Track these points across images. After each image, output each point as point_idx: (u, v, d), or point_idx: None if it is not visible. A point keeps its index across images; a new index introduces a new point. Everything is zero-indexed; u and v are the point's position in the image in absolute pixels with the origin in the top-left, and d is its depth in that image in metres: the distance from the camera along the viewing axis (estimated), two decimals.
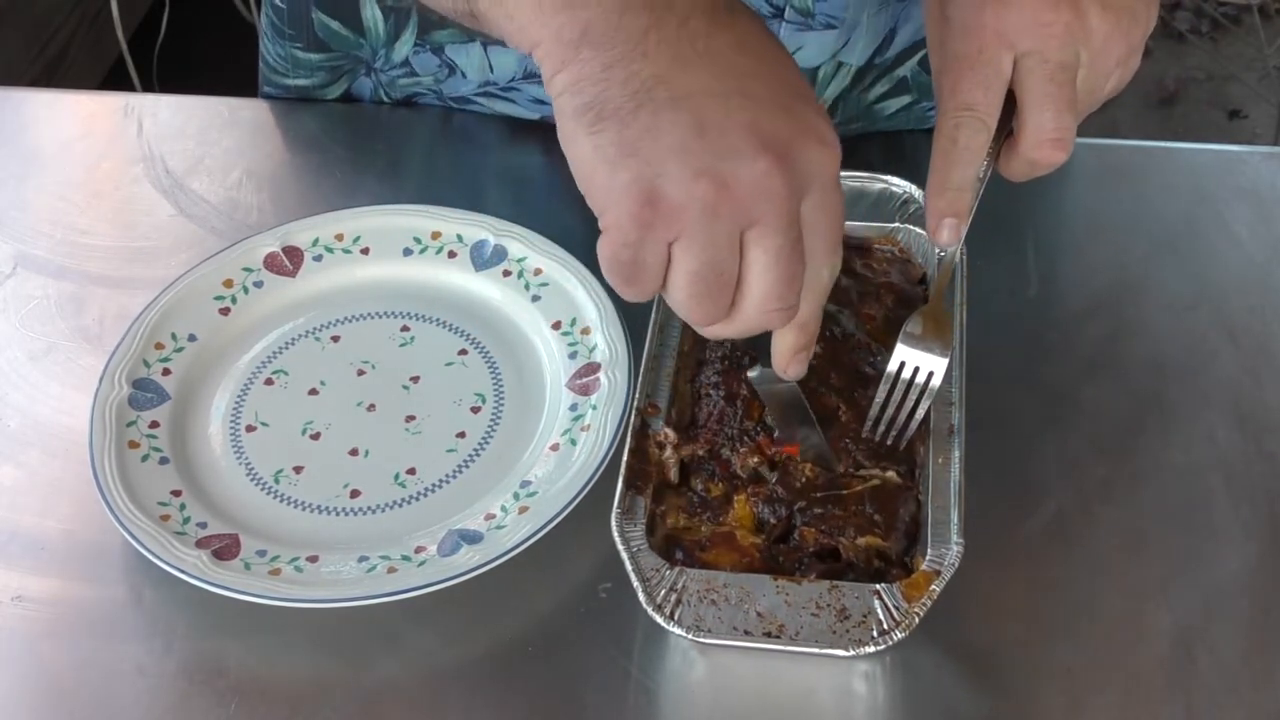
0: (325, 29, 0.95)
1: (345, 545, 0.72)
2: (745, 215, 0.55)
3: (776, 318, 0.59)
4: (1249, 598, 0.70)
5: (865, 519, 0.67)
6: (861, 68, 0.89)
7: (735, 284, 0.57)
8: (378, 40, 0.95)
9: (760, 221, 0.56)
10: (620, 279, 0.57)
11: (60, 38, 2.20)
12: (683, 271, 0.56)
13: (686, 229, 0.55)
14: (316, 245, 0.87)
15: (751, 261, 0.57)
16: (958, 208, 0.66)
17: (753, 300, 0.58)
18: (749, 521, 0.69)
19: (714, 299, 0.57)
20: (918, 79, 0.90)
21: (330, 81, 0.98)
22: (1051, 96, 0.65)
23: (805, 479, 0.69)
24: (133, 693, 0.69)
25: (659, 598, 0.63)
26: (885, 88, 0.91)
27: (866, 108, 0.91)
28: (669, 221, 0.55)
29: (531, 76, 0.93)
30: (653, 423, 0.71)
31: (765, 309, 0.58)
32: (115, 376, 0.78)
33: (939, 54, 0.67)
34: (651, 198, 0.55)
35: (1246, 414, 0.77)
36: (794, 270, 0.57)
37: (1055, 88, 0.64)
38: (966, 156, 0.65)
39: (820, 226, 0.57)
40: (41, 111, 1.03)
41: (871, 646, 0.62)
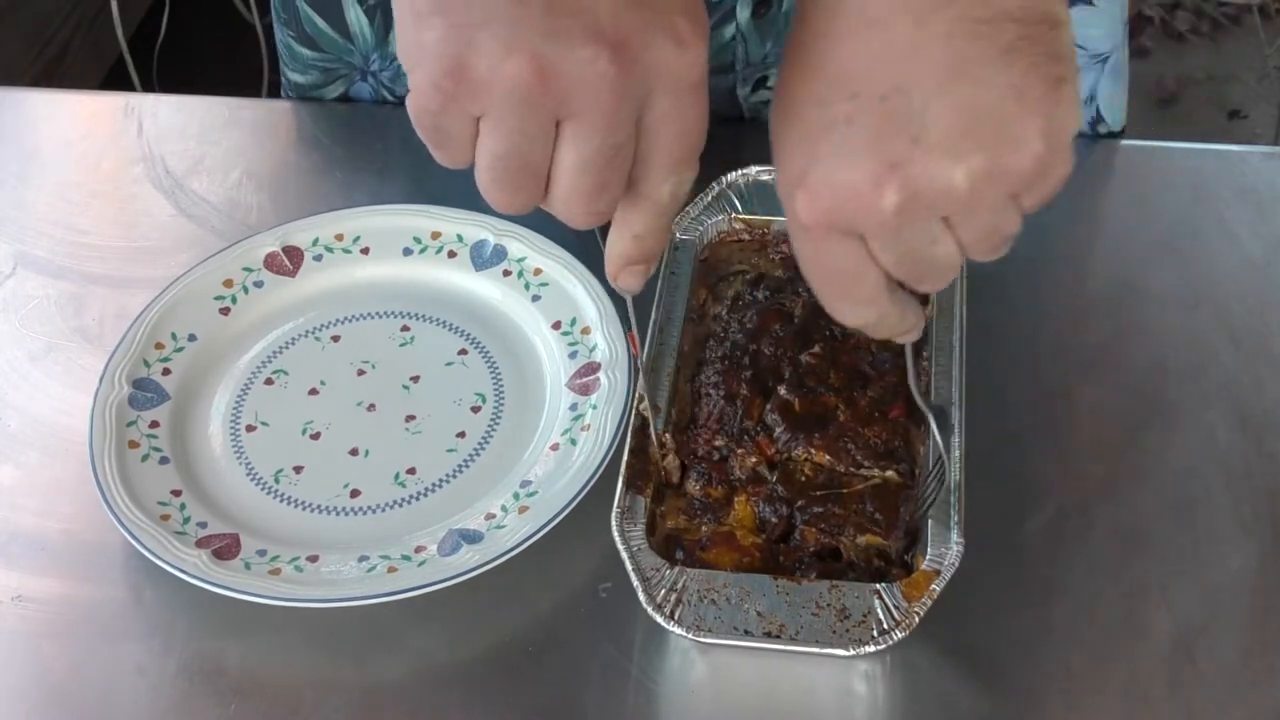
0: (312, 25, 0.95)
1: (345, 545, 0.72)
2: (560, 107, 0.49)
3: (582, 221, 0.53)
4: (1249, 598, 0.70)
5: (866, 518, 0.67)
6: None
7: (545, 174, 0.51)
8: (366, 44, 0.94)
9: (576, 117, 0.49)
10: (427, 142, 0.52)
11: (60, 38, 2.20)
12: (485, 151, 0.51)
13: (491, 109, 0.49)
14: (316, 245, 0.87)
15: (560, 157, 0.51)
16: (649, 253, 0.56)
17: (557, 197, 0.52)
18: (750, 521, 0.69)
19: (516, 187, 0.52)
20: None
21: (325, 83, 0.98)
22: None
23: (805, 478, 0.69)
24: (133, 693, 0.69)
25: (659, 597, 0.63)
26: None
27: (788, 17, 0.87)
28: (472, 96, 0.49)
29: None
30: (653, 422, 0.71)
31: (569, 212, 0.53)
32: (115, 376, 0.78)
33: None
34: (455, 67, 0.49)
35: (1246, 414, 0.77)
36: (607, 178, 0.51)
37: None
38: (674, 207, 0.55)
39: (662, 137, 0.51)
40: (41, 111, 1.03)
41: (872, 646, 0.62)
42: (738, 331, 0.76)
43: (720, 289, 0.79)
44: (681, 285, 0.77)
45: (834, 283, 0.53)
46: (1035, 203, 0.50)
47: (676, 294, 0.77)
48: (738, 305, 0.77)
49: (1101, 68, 0.92)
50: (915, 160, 0.47)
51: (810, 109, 0.49)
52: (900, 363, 0.73)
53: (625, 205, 0.54)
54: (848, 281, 0.53)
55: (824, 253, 0.52)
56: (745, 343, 0.75)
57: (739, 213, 0.81)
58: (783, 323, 0.75)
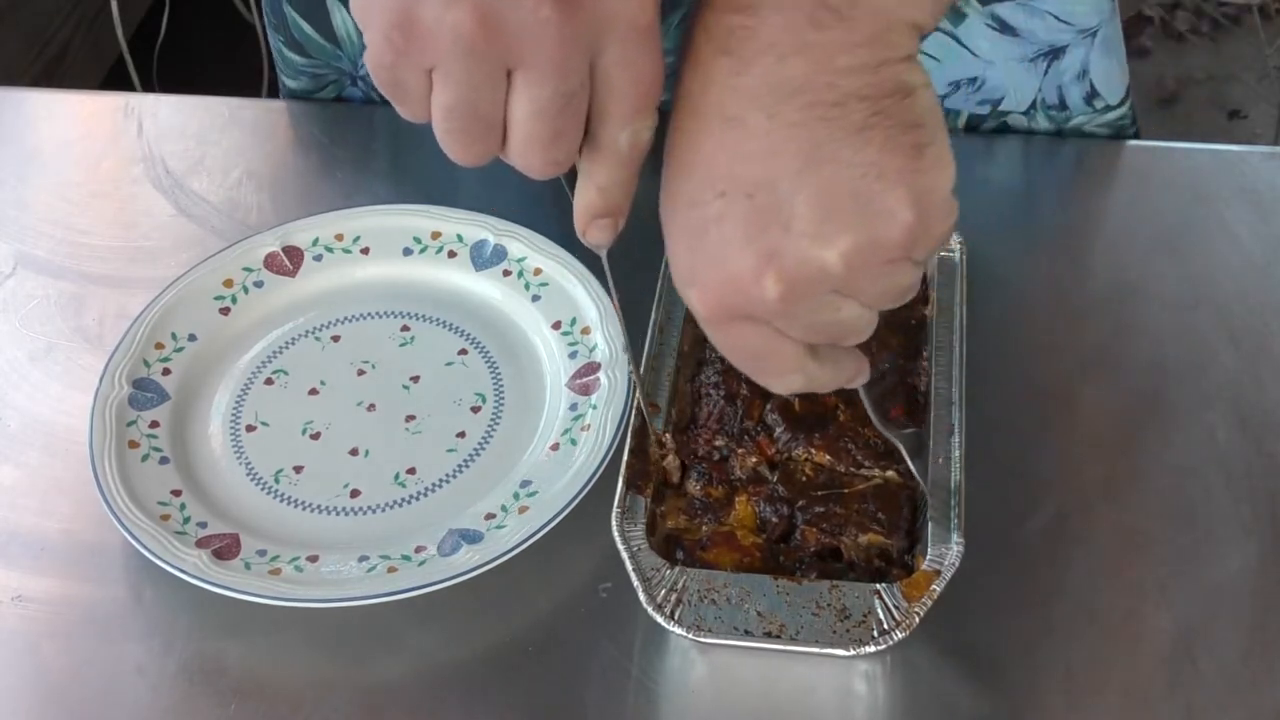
0: (300, 30, 0.95)
1: (345, 545, 0.72)
2: (508, 55, 0.49)
3: (540, 170, 0.53)
4: (1249, 598, 0.70)
5: (867, 517, 0.67)
6: None
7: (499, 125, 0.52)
8: (354, 49, 0.94)
9: (526, 65, 0.50)
10: (387, 96, 0.53)
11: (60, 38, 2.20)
12: (438, 104, 0.51)
13: (441, 60, 0.50)
14: (316, 245, 0.87)
15: (514, 107, 0.51)
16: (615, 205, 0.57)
17: (513, 147, 0.52)
18: (750, 522, 0.69)
19: (471, 138, 0.52)
20: None
21: (317, 88, 0.98)
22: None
23: (806, 478, 0.69)
24: (133, 693, 0.69)
25: (659, 597, 0.63)
26: None
27: None
28: (421, 49, 0.50)
29: None
30: (653, 422, 0.71)
31: (526, 162, 0.53)
32: (115, 376, 0.78)
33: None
34: (403, 21, 0.49)
35: (1246, 414, 0.77)
36: (561, 126, 0.51)
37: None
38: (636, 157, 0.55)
39: (616, 84, 0.51)
40: (41, 111, 1.03)
41: (872, 646, 0.62)
42: None
43: None
44: None
45: (753, 363, 0.54)
46: (924, 256, 0.51)
47: (677, 294, 0.77)
48: None
49: (1091, 41, 0.91)
50: (788, 249, 0.48)
51: (686, 209, 0.50)
52: (900, 363, 0.73)
53: (587, 157, 0.54)
54: (765, 359, 0.54)
55: (733, 338, 0.53)
56: None
57: None
58: None
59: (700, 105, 0.48)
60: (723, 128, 0.48)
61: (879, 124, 0.48)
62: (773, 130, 0.47)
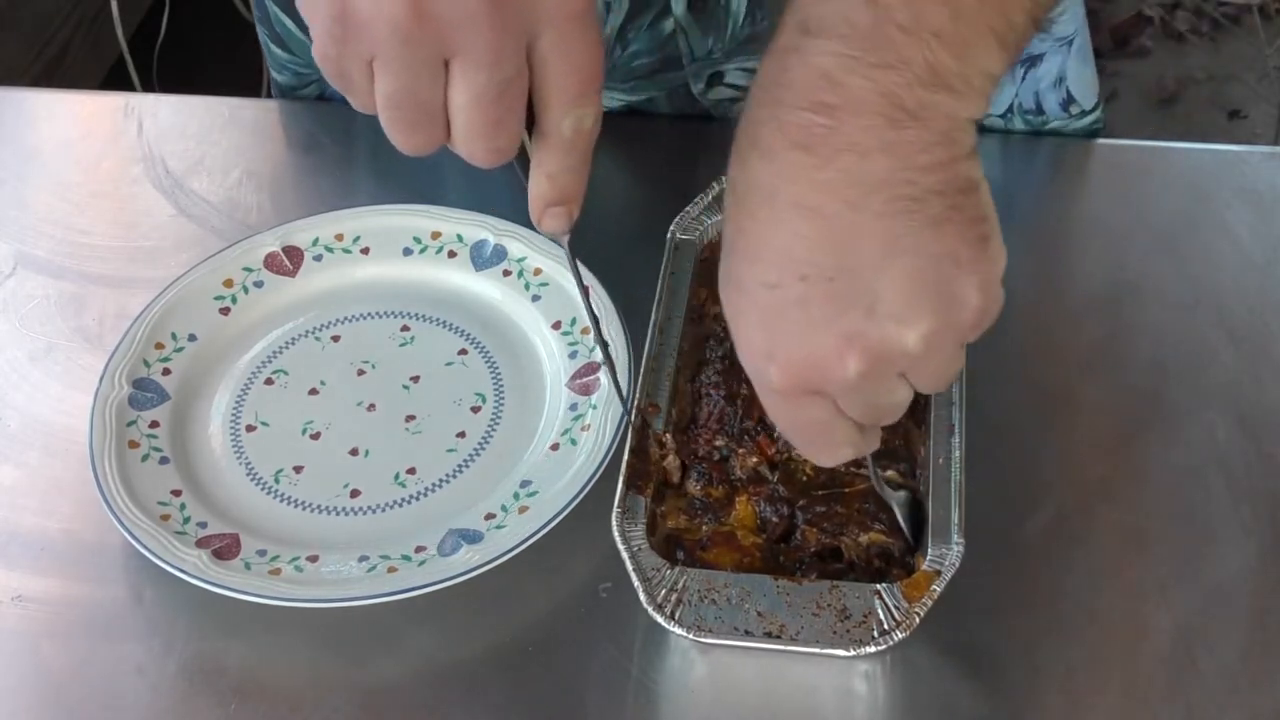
0: (282, 25, 0.95)
1: (345, 545, 0.72)
2: (443, 43, 0.51)
3: (484, 159, 0.55)
4: (1249, 598, 0.70)
5: (869, 516, 0.67)
6: None
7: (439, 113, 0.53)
8: None
9: (461, 53, 0.51)
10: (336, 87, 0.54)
11: (60, 38, 2.20)
12: (379, 93, 0.53)
13: (379, 50, 0.51)
14: (316, 245, 0.87)
15: (453, 95, 0.53)
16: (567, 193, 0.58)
17: (457, 136, 0.54)
18: (750, 521, 0.69)
19: (413, 127, 0.54)
20: None
21: (300, 85, 0.99)
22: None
23: (806, 477, 0.69)
24: (133, 693, 0.69)
25: (660, 597, 0.63)
26: None
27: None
28: (359, 39, 0.51)
29: None
30: (653, 423, 0.71)
31: (470, 150, 0.54)
32: (115, 376, 0.78)
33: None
34: (342, 13, 0.51)
35: (1246, 414, 0.77)
36: (499, 114, 0.53)
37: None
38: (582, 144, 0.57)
39: (553, 70, 0.53)
40: (41, 111, 1.03)
41: (872, 646, 0.62)
42: None
43: None
44: (682, 285, 0.77)
45: (811, 433, 0.57)
46: (975, 339, 0.54)
47: (677, 294, 0.77)
48: None
49: (1068, 50, 0.92)
50: (871, 330, 0.51)
51: (762, 292, 0.51)
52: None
53: (536, 145, 0.55)
54: (825, 433, 0.56)
55: (798, 411, 0.55)
56: None
57: None
58: None
59: (776, 196, 0.50)
60: (801, 217, 0.49)
61: (953, 217, 0.50)
62: (856, 221, 0.49)
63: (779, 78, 0.50)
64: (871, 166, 0.49)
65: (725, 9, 0.89)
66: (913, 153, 0.49)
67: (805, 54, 0.49)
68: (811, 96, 0.49)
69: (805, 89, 0.49)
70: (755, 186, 0.50)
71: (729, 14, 0.89)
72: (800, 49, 0.49)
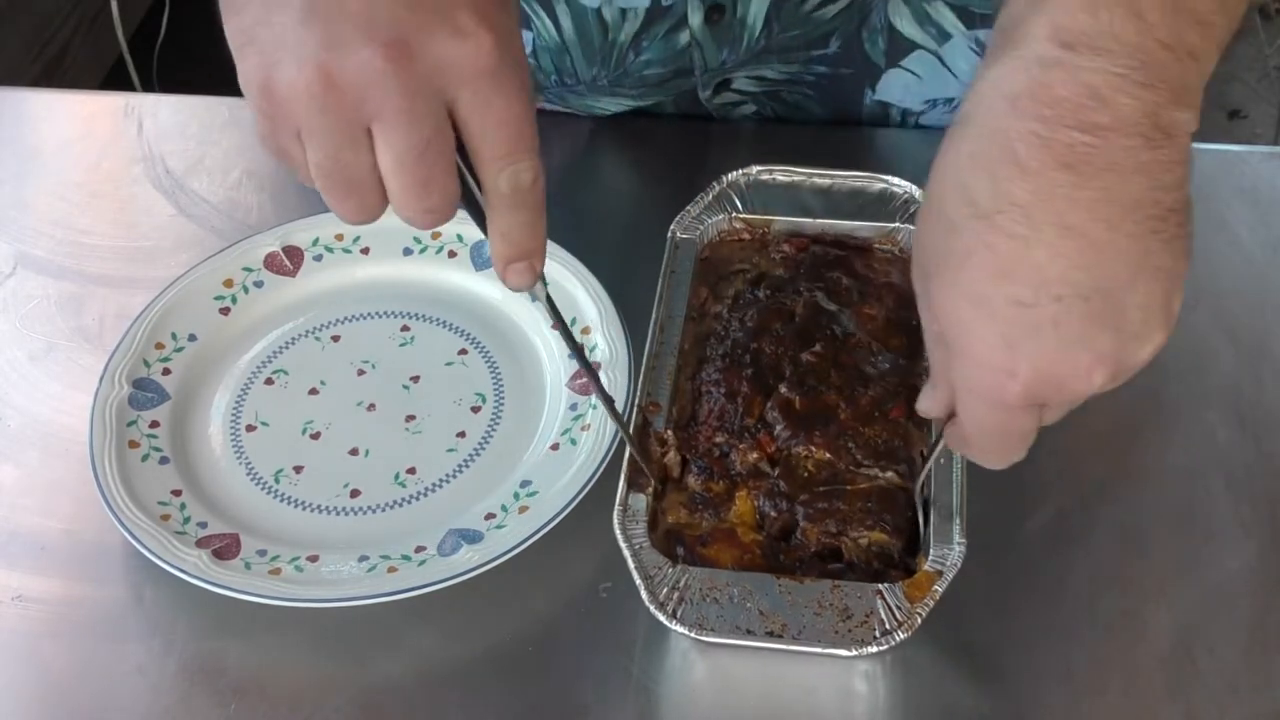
0: None
1: (345, 545, 0.72)
2: (358, 109, 0.51)
3: (420, 221, 0.55)
4: (1249, 598, 0.70)
5: (871, 515, 0.67)
6: None
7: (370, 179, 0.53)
8: None
9: (377, 118, 0.52)
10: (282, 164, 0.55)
11: (60, 38, 2.20)
12: (311, 164, 0.54)
13: (301, 121, 0.52)
14: (316, 245, 0.87)
15: (380, 160, 0.53)
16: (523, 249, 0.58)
17: (392, 199, 0.54)
18: (750, 518, 0.69)
19: (346, 194, 0.54)
20: None
21: None
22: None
23: (808, 474, 0.69)
24: (133, 693, 0.69)
25: (661, 596, 0.63)
26: None
27: (806, 16, 0.89)
28: (284, 113, 0.52)
29: None
30: (653, 421, 0.71)
31: (407, 213, 0.55)
32: (115, 376, 0.78)
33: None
34: (265, 90, 0.52)
35: (1246, 414, 0.77)
36: (426, 174, 0.53)
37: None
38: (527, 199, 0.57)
39: (476, 128, 0.53)
40: (41, 111, 1.03)
41: (874, 646, 0.62)
42: (738, 330, 0.76)
43: (721, 288, 0.79)
44: (682, 284, 0.77)
45: (1011, 442, 0.57)
46: None
47: (677, 292, 0.77)
48: (738, 304, 0.77)
49: None
50: (1118, 349, 0.52)
51: (1011, 308, 0.51)
52: (901, 364, 0.73)
53: (485, 203, 0.56)
54: (1023, 440, 0.57)
55: (1016, 422, 0.56)
56: (746, 341, 0.75)
57: (739, 212, 0.81)
58: (783, 322, 0.75)
59: (1034, 213, 0.50)
60: (1061, 236, 0.50)
61: (1181, 234, 0.51)
62: (1113, 241, 0.50)
63: (1040, 92, 0.49)
64: (1129, 186, 0.49)
65: (741, 22, 0.89)
66: (1161, 171, 0.50)
67: (1072, 69, 0.49)
68: (1081, 116, 0.49)
69: (1074, 107, 0.49)
70: (1010, 202, 0.50)
71: (745, 27, 0.89)
72: (1064, 64, 0.49)
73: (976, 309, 0.52)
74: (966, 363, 0.54)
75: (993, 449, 0.58)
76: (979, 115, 0.51)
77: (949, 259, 0.52)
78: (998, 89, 0.51)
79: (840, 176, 0.81)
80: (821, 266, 0.78)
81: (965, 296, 0.52)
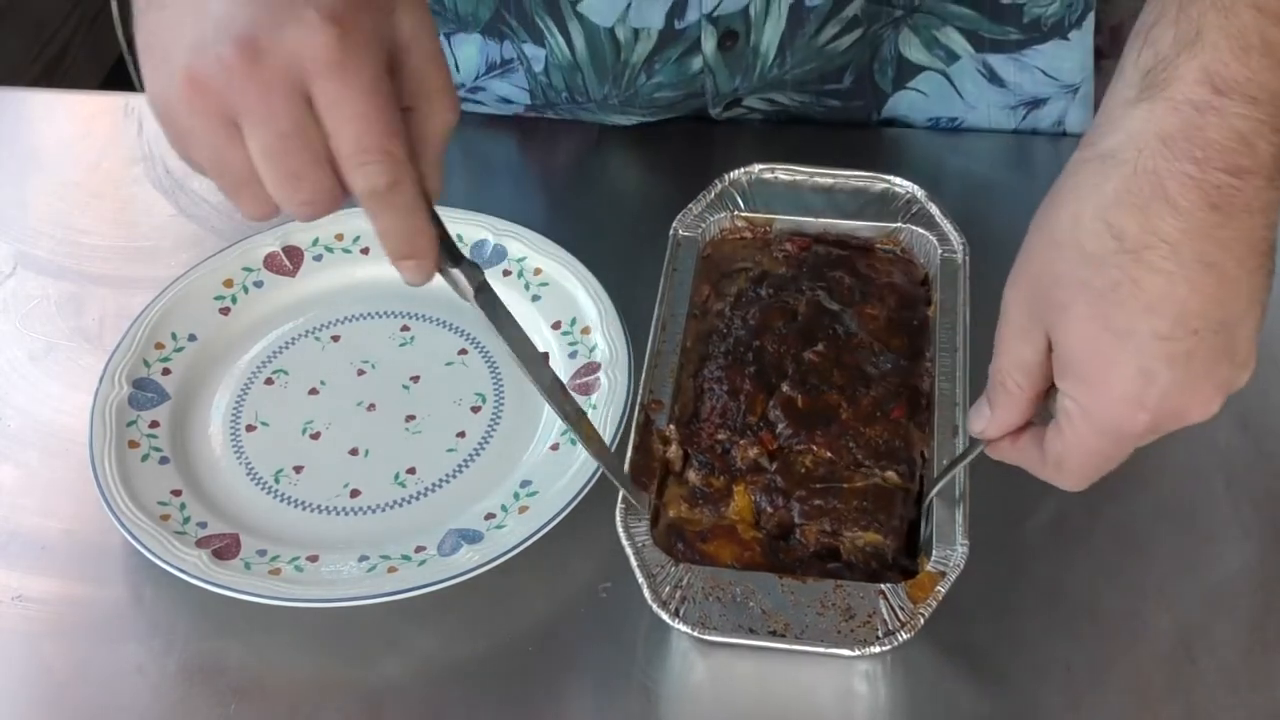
0: None
1: (345, 545, 0.72)
2: (223, 107, 0.53)
3: (299, 214, 0.56)
4: (1249, 598, 0.70)
5: (865, 515, 0.67)
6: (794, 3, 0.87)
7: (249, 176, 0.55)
8: None
9: (240, 114, 0.53)
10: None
11: (60, 38, 2.20)
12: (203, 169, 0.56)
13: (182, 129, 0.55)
14: (316, 245, 0.87)
15: (250, 155, 0.54)
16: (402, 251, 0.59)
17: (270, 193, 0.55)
18: (749, 514, 0.69)
19: (237, 192, 0.56)
20: (867, 10, 0.89)
21: None
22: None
23: (805, 470, 0.69)
24: (133, 693, 0.69)
25: (664, 595, 0.63)
26: (836, 29, 0.89)
27: (819, 49, 0.90)
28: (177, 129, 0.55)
29: (493, 70, 0.93)
30: (656, 419, 0.71)
31: (282, 205, 0.56)
32: (115, 376, 0.78)
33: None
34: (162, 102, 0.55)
35: (1246, 414, 0.77)
36: (291, 168, 0.54)
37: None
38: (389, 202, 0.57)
39: (328, 125, 0.53)
40: (41, 111, 1.03)
41: (877, 647, 0.62)
42: (741, 328, 0.76)
43: (723, 285, 0.79)
44: (684, 281, 0.77)
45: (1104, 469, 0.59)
46: None
47: (679, 290, 0.77)
48: (741, 302, 0.77)
49: (1072, 96, 0.96)
50: (1231, 379, 0.55)
51: (1153, 343, 0.53)
52: (902, 364, 0.73)
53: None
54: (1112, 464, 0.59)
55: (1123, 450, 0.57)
56: (748, 339, 0.75)
57: (741, 210, 0.81)
58: (786, 320, 0.75)
59: (1182, 250, 0.52)
60: (1203, 273, 0.52)
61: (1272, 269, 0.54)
62: (1239, 277, 0.53)
63: (1194, 135, 0.52)
64: (1257, 226, 0.53)
65: (754, 50, 0.89)
66: (1274, 210, 0.53)
67: (1223, 114, 0.51)
68: (1230, 160, 0.51)
69: (1225, 151, 0.51)
70: (1160, 238, 0.52)
71: (758, 55, 0.90)
72: (1216, 108, 0.52)
73: (1120, 341, 0.54)
74: (1098, 392, 0.55)
75: (1087, 473, 0.59)
76: (1126, 153, 0.53)
77: (1087, 291, 0.54)
78: (1149, 128, 0.53)
79: (842, 176, 0.81)
80: (824, 266, 0.78)
81: (1109, 329, 0.54)
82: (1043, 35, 0.92)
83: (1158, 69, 0.53)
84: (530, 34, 0.89)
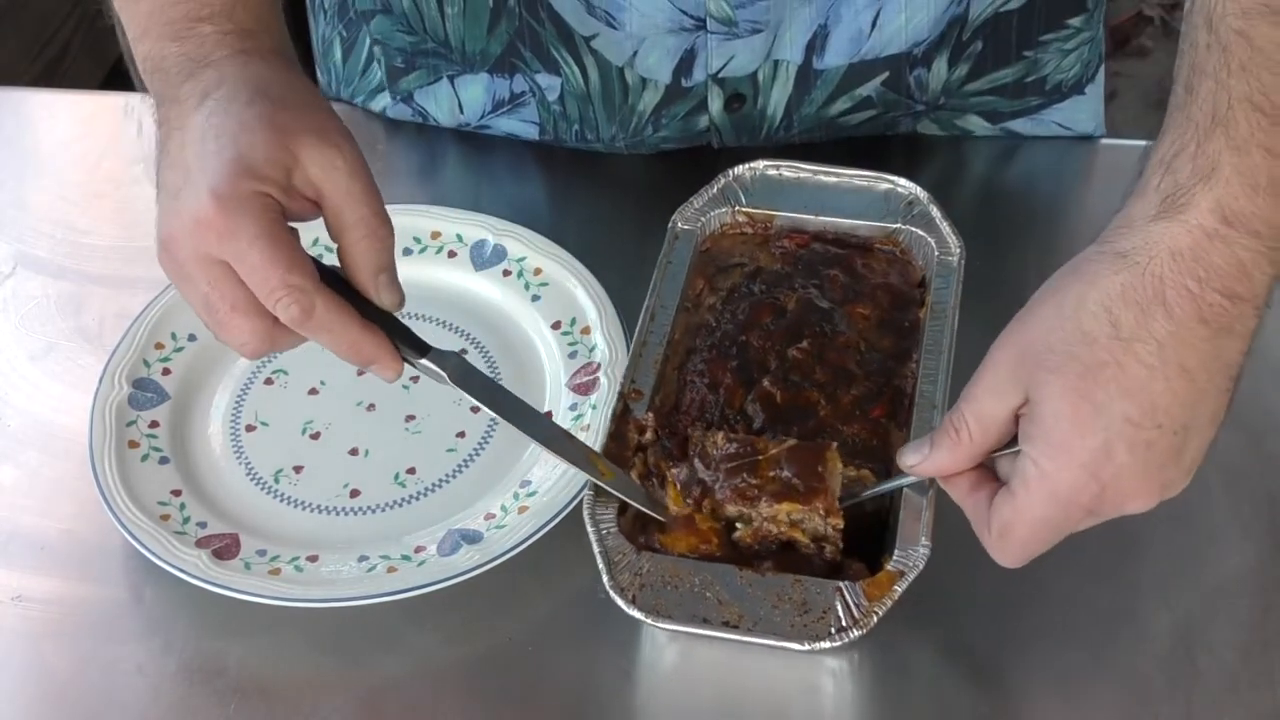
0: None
1: (345, 545, 0.72)
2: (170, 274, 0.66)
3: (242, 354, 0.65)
4: (1249, 598, 0.70)
5: (782, 484, 0.66)
6: (802, 68, 0.88)
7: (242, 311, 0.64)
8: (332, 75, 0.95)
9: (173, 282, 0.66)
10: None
11: (60, 38, 2.20)
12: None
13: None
14: (316, 245, 0.86)
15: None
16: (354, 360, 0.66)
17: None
18: (681, 501, 0.68)
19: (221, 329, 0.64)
20: (884, 97, 0.90)
21: None
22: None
23: (719, 449, 0.68)
24: (133, 693, 0.69)
25: (622, 581, 0.63)
26: (847, 105, 0.91)
27: (830, 120, 0.91)
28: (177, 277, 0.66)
29: (500, 108, 0.93)
30: (634, 408, 0.71)
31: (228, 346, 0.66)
32: (115, 376, 0.78)
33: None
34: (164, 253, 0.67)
35: (1246, 414, 0.76)
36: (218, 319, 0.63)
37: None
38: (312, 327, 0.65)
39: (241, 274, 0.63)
40: (41, 111, 1.03)
41: (827, 642, 0.61)
42: (729, 322, 0.75)
43: (719, 280, 0.78)
44: (678, 274, 0.77)
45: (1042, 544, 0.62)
46: None
47: (671, 283, 0.76)
48: (733, 297, 0.77)
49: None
50: (1171, 483, 0.59)
51: (1123, 423, 0.57)
52: (888, 365, 0.73)
53: None
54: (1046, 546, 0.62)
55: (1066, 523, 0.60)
56: (735, 334, 0.74)
57: (743, 205, 0.81)
58: (774, 316, 0.75)
59: (1166, 351, 0.57)
60: (1179, 376, 0.57)
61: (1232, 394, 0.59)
62: (1208, 390, 0.58)
63: (1200, 256, 0.57)
64: (1234, 348, 0.58)
65: (761, 113, 0.90)
66: (1249, 336, 0.58)
67: (1229, 243, 0.57)
68: (1229, 284, 0.57)
69: (1225, 276, 0.57)
70: (1151, 337, 0.57)
71: (765, 118, 0.91)
72: (1223, 237, 0.57)
73: (1095, 412, 0.57)
74: (1061, 456, 0.58)
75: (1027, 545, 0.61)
76: (1139, 256, 0.58)
77: (1076, 364, 0.58)
78: (1163, 242, 0.57)
79: (846, 174, 0.80)
80: (819, 264, 0.78)
81: (1087, 399, 0.58)
82: (1061, 96, 0.94)
83: (1176, 195, 0.58)
84: (545, 64, 0.89)
